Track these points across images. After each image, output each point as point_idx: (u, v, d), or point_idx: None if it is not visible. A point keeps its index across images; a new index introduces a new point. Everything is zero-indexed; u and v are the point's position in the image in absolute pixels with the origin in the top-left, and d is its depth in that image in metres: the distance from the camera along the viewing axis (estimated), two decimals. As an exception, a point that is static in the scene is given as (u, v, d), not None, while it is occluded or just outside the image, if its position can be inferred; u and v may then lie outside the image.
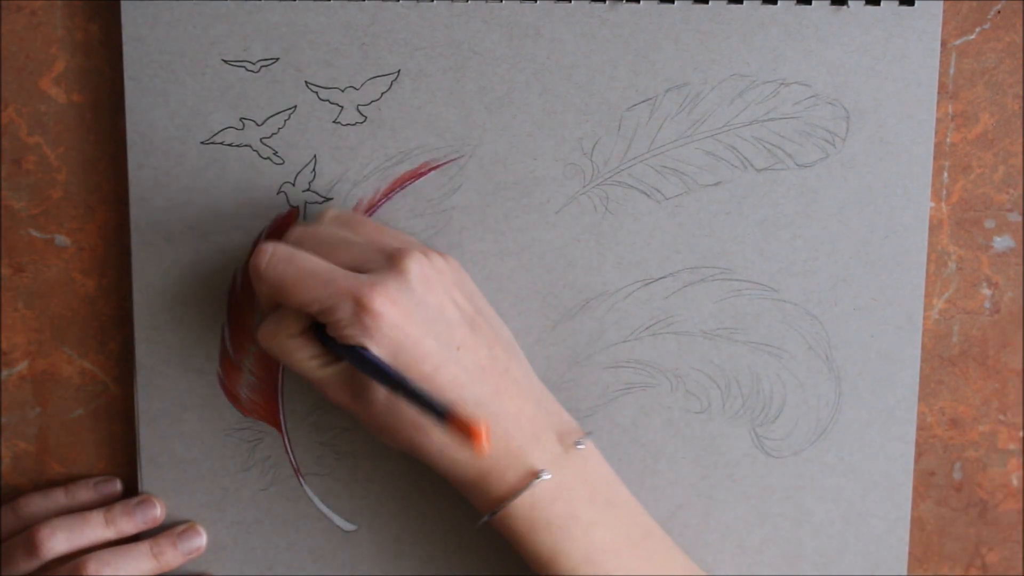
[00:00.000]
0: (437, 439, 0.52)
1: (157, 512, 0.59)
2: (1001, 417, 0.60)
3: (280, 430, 0.60)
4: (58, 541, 0.57)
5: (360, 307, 0.50)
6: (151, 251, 0.58)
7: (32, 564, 0.57)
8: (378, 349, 0.50)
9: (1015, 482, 0.61)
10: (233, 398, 0.59)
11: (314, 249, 0.53)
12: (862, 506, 0.59)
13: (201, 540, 0.60)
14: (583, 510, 0.53)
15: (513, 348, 0.55)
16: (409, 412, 0.52)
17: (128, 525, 0.59)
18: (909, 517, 0.59)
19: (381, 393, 0.52)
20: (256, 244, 0.58)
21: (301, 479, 0.60)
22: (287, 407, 0.59)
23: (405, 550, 0.60)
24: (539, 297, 0.58)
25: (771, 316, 0.58)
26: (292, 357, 0.53)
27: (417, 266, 0.52)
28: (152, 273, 0.58)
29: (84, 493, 0.60)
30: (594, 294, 0.58)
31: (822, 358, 0.58)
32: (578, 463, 0.53)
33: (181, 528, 0.60)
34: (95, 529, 0.58)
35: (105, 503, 0.60)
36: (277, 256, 0.52)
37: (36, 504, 0.59)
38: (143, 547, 0.59)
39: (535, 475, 0.52)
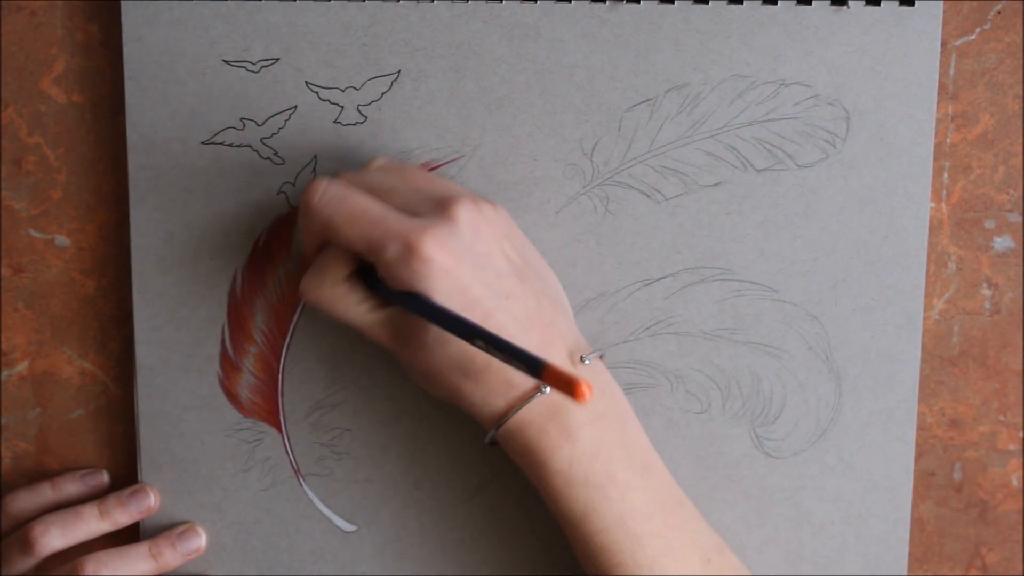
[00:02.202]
0: (483, 387, 0.51)
1: (151, 501, 0.59)
2: (1001, 418, 0.60)
3: (280, 430, 0.60)
4: (52, 537, 0.57)
5: (409, 249, 0.49)
6: (151, 251, 0.58)
7: (29, 562, 0.57)
8: (428, 294, 0.49)
9: (1015, 482, 0.60)
10: (233, 398, 0.59)
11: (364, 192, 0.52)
12: (862, 506, 0.59)
13: (200, 541, 0.60)
14: (621, 471, 0.52)
15: (560, 302, 0.55)
16: (457, 358, 0.51)
17: (123, 516, 0.59)
18: (909, 517, 0.59)
19: (431, 337, 0.51)
20: (256, 244, 0.58)
21: (301, 479, 0.60)
22: (287, 407, 0.59)
23: (405, 550, 0.60)
24: (539, 297, 0.58)
25: (771, 316, 0.58)
26: (339, 305, 0.52)
27: (467, 213, 0.51)
28: (152, 273, 0.58)
29: (71, 486, 0.60)
30: (594, 294, 0.58)
31: (822, 358, 0.58)
32: (615, 424, 0.53)
33: (180, 529, 0.60)
34: (89, 523, 0.58)
35: (93, 495, 0.60)
36: (330, 193, 0.51)
37: (23, 500, 0.59)
38: (142, 548, 0.58)
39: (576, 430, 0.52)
